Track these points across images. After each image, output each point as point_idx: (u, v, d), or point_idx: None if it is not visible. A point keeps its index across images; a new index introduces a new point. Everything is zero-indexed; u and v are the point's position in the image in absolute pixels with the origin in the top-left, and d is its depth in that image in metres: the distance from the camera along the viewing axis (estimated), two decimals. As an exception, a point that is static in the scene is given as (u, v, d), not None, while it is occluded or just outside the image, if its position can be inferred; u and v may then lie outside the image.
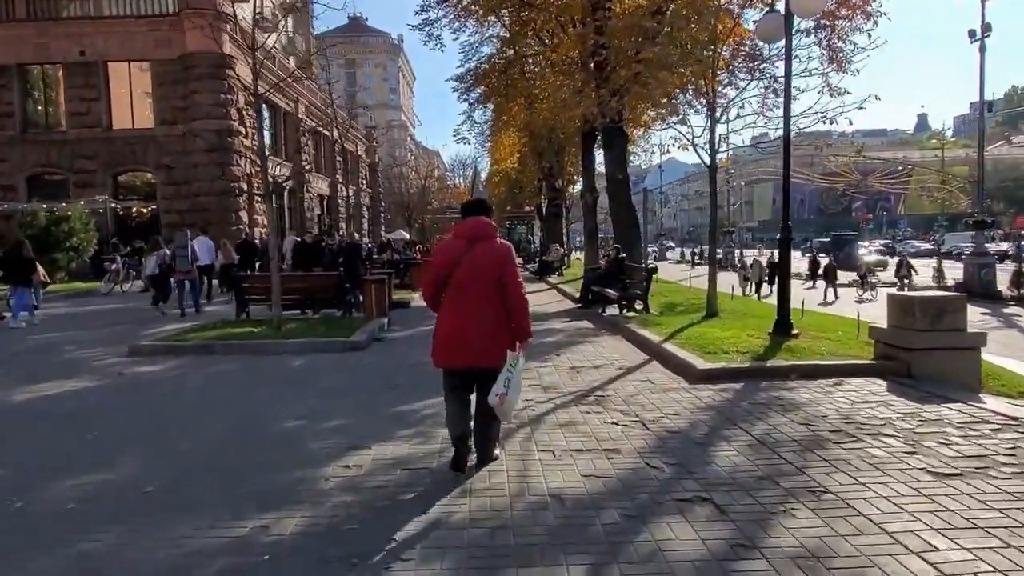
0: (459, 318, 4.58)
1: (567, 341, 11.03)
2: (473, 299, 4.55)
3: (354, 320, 12.71)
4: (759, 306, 14.26)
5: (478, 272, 4.54)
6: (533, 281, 25.72)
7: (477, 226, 4.67)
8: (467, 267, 4.54)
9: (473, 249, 4.58)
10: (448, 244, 4.86)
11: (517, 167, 41.08)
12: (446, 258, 4.69)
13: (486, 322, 4.54)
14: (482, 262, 4.55)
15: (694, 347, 9.02)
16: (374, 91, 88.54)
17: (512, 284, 4.59)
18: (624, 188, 17.83)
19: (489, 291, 4.55)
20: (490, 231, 4.72)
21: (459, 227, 4.80)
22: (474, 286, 4.55)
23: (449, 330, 4.63)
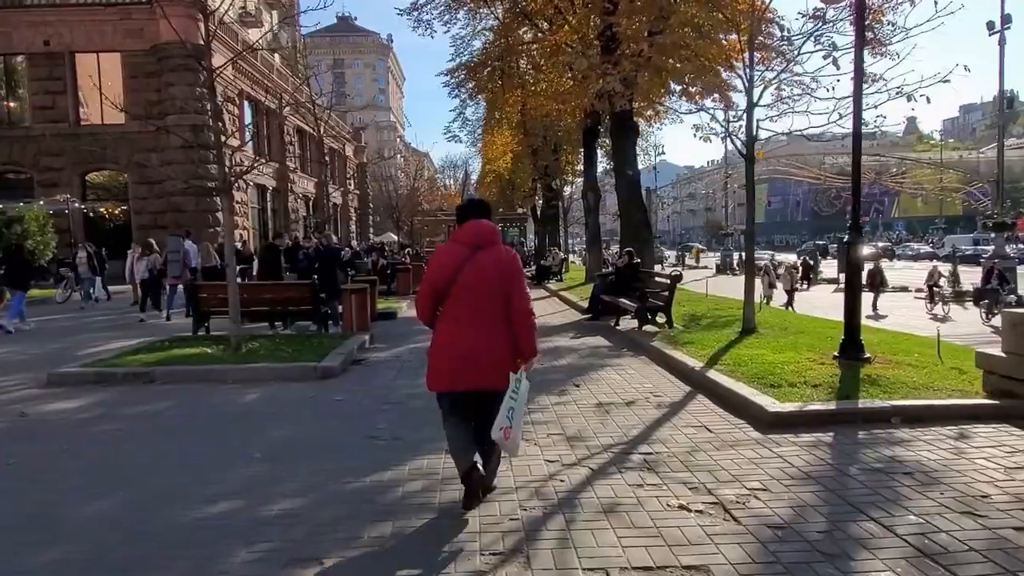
0: (463, 334, 3.97)
1: (583, 365, 9.12)
2: (477, 312, 3.98)
3: (330, 337, 10.76)
4: (799, 319, 12.39)
5: (483, 282, 3.95)
6: (531, 288, 23.80)
7: (480, 230, 4.08)
8: (470, 276, 3.94)
9: (476, 257, 3.98)
10: (447, 250, 4.24)
11: (510, 167, 39.24)
12: (446, 266, 4.04)
13: (495, 338, 3.99)
14: (487, 271, 3.96)
15: (748, 376, 7.16)
16: (363, 91, 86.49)
17: (520, 297, 4.05)
18: (635, 185, 15.99)
19: (494, 303, 3.99)
20: (494, 236, 4.13)
21: (459, 231, 4.17)
22: (478, 298, 3.97)
23: (452, 348, 4.00)
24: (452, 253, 4.10)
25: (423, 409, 6.35)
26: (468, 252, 4.00)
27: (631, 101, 15.01)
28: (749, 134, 10.19)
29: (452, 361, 4.00)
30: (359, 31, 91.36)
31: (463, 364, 3.97)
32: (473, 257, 3.97)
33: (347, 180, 53.58)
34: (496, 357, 3.98)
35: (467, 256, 3.98)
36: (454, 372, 4.00)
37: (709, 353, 8.62)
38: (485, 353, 3.96)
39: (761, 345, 8.99)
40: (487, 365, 3.96)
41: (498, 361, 3.98)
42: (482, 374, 3.96)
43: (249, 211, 33.70)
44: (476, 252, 3.99)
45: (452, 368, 4.00)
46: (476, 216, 4.15)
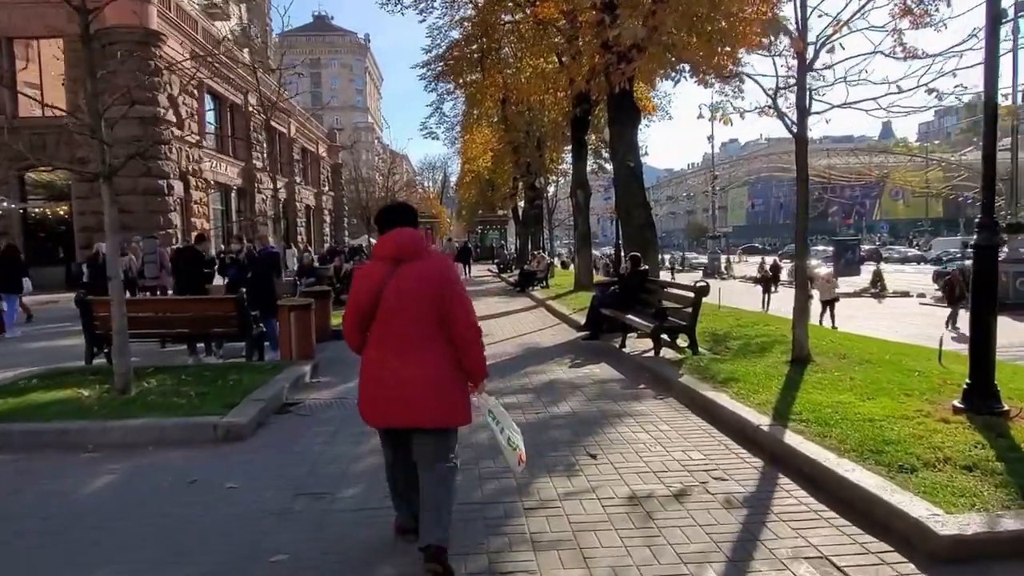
0: (390, 362, 3.33)
1: (592, 414, 6.56)
2: (406, 335, 3.33)
3: (257, 370, 8.12)
4: (851, 340, 9.81)
5: (409, 300, 3.31)
6: (513, 296, 21.23)
7: (400, 241, 3.41)
8: (394, 295, 3.32)
9: (399, 272, 3.33)
10: (368, 268, 3.51)
11: (490, 166, 36.75)
12: (366, 286, 3.39)
13: (431, 364, 3.32)
14: (413, 287, 3.32)
15: (852, 446, 4.68)
16: (340, 92, 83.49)
17: (459, 310, 3.37)
18: (637, 178, 13.51)
19: (427, 323, 3.33)
20: (418, 245, 3.44)
21: (378, 244, 3.49)
22: (405, 319, 3.32)
23: (379, 379, 3.36)
24: (373, 271, 3.44)
25: (355, 511, 3.92)
26: (390, 268, 3.37)
27: (631, 80, 12.54)
28: (801, 106, 7.75)
29: (381, 393, 3.37)
30: (336, 30, 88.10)
31: (394, 396, 3.33)
32: (396, 273, 3.36)
33: (321, 181, 50.76)
34: (433, 387, 3.32)
35: (388, 273, 3.37)
36: (386, 405, 3.37)
37: (767, 398, 6.14)
38: (418, 383, 3.30)
39: (833, 384, 6.52)
40: (421, 397, 3.30)
41: (436, 392, 3.33)
42: (416, 408, 3.31)
43: (210, 212, 30.84)
44: (399, 267, 3.37)
45: (382, 402, 3.37)
46: (395, 224, 3.49)
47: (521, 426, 5.85)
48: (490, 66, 20.38)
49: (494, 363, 9.41)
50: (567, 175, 33.22)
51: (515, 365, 9.21)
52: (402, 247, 3.40)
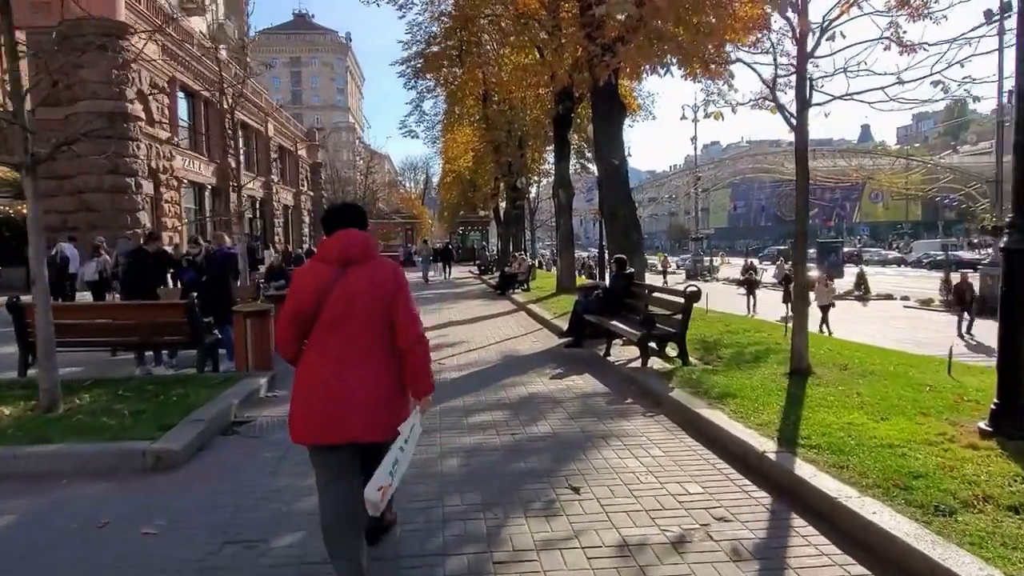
0: (332, 372, 3.02)
1: (575, 435, 5.86)
2: (350, 345, 3.05)
3: (205, 384, 7.34)
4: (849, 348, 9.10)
5: (355, 307, 3.04)
6: (493, 299, 20.50)
7: (349, 243, 3.13)
8: (339, 301, 3.03)
9: (346, 276, 3.05)
10: (309, 271, 3.21)
11: (471, 166, 36.05)
12: (309, 288, 3.08)
13: (376, 375, 3.05)
14: (360, 293, 3.05)
15: (875, 480, 4.04)
16: (320, 91, 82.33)
17: (406, 320, 3.10)
18: (622, 177, 12.86)
19: (373, 332, 3.07)
20: (368, 248, 3.16)
21: (324, 245, 3.19)
22: (350, 326, 3.04)
23: (319, 390, 3.02)
24: (315, 274, 3.12)
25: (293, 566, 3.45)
26: (335, 271, 3.06)
27: (616, 72, 11.90)
28: (801, 96, 7.13)
29: (320, 406, 3.00)
30: (317, 29, 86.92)
31: (333, 410, 2.99)
32: (342, 277, 3.04)
33: (300, 181, 49.75)
34: (376, 399, 3.03)
35: (334, 276, 3.04)
36: (322, 420, 3.00)
37: (769, 417, 5.49)
38: (361, 395, 3.00)
39: (840, 401, 5.88)
40: (365, 410, 3.00)
41: (379, 404, 3.04)
42: (358, 422, 2.99)
43: (181, 211, 29.84)
44: (346, 270, 3.05)
45: (319, 415, 3.00)
46: (343, 224, 3.19)
47: (496, 450, 5.18)
48: (470, 62, 19.67)
49: (469, 373, 8.72)
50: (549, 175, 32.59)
51: (492, 376, 8.50)
52: (351, 249, 3.12)
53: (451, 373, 8.68)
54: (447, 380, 8.23)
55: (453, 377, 8.44)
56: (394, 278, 3.15)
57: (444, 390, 7.60)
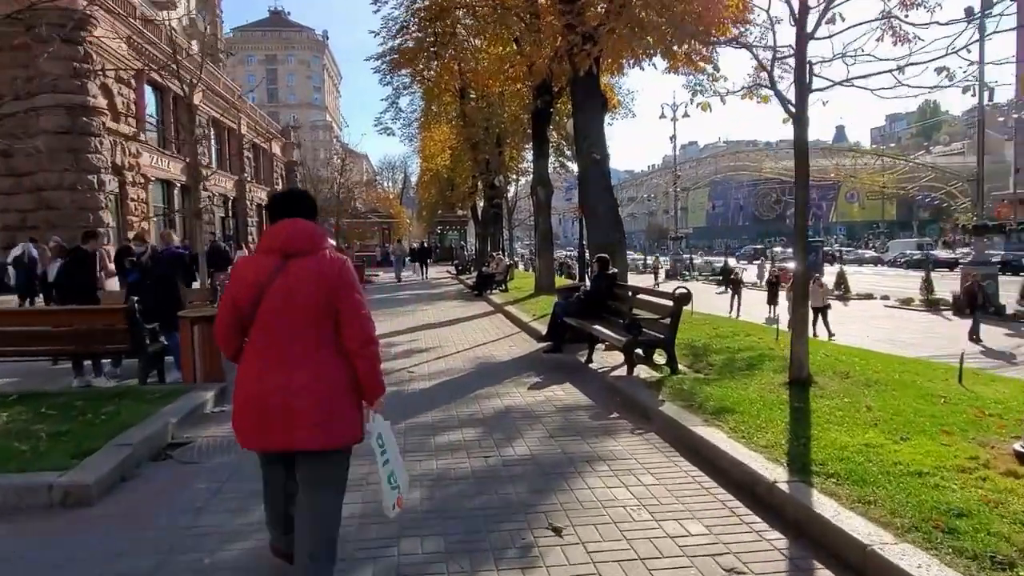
0: (272, 373, 2.80)
1: (554, 458, 5.14)
2: (291, 343, 2.82)
3: (143, 398, 6.55)
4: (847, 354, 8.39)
5: (296, 302, 2.81)
6: (470, 300, 19.77)
7: (293, 233, 2.89)
8: (279, 295, 2.80)
9: (288, 268, 2.82)
10: (250, 262, 2.99)
11: (449, 164, 35.28)
12: (247, 281, 2.87)
13: (320, 376, 2.82)
14: (303, 287, 2.81)
15: (912, 521, 3.38)
16: (296, 89, 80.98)
17: (354, 317, 2.86)
18: (602, 173, 12.21)
19: (317, 329, 2.84)
20: (314, 239, 2.91)
21: (267, 235, 2.98)
22: (291, 324, 2.82)
23: (258, 394, 2.82)
24: (255, 265, 2.89)
25: None
26: (277, 263, 2.83)
27: (598, 62, 11.25)
28: (801, 80, 6.51)
29: (260, 411, 2.80)
30: (293, 26, 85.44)
31: (275, 414, 2.77)
32: (284, 269, 2.81)
33: (274, 179, 48.61)
34: (321, 403, 2.79)
35: (276, 268, 2.81)
36: (263, 424, 2.80)
37: (775, 437, 4.83)
38: (304, 398, 2.77)
39: (851, 417, 5.26)
40: (308, 416, 2.76)
41: (323, 408, 2.79)
42: (301, 428, 2.77)
43: (149, 209, 28.75)
44: (288, 262, 2.82)
45: (261, 419, 2.80)
46: (289, 213, 2.94)
47: (466, 478, 4.52)
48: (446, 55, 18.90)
49: (440, 383, 8.00)
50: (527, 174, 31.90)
51: (464, 386, 7.78)
52: (294, 239, 2.87)
53: (421, 383, 7.96)
54: (416, 391, 7.52)
55: (423, 387, 7.72)
56: (341, 274, 2.87)
57: (412, 403, 6.90)
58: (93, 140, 23.03)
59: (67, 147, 22.29)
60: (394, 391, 7.50)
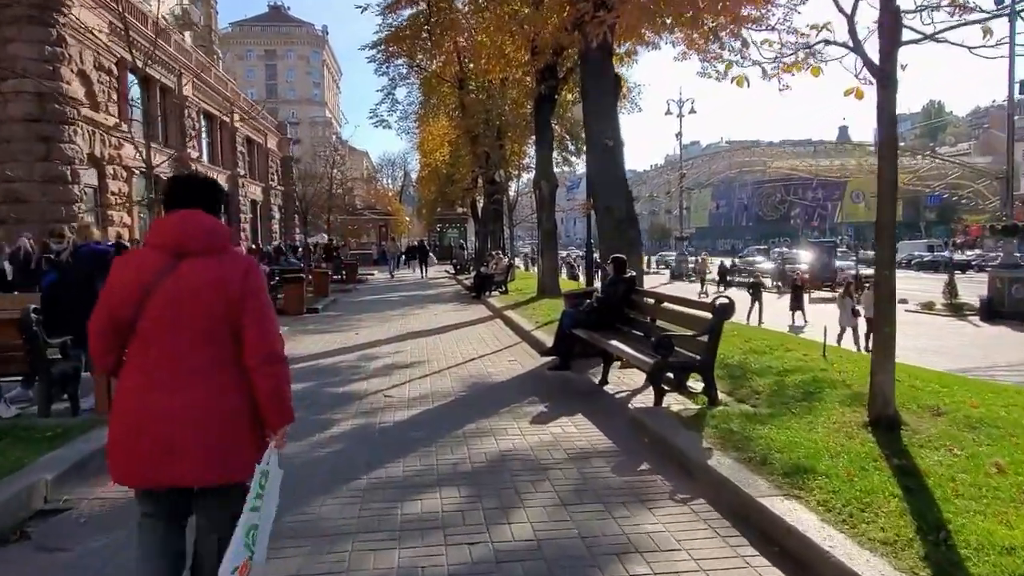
0: (156, 395, 2.34)
1: (568, 544, 3.56)
2: (180, 360, 2.35)
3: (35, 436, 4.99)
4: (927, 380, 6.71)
5: (187, 310, 2.35)
6: (467, 303, 18.21)
7: (189, 228, 2.42)
8: (167, 302, 2.34)
9: (179, 270, 2.36)
10: (132, 259, 2.55)
11: (448, 159, 33.75)
12: (128, 285, 2.38)
13: (215, 399, 2.36)
14: (195, 293, 2.35)
15: None
16: (296, 85, 79.43)
17: (258, 330, 2.40)
18: (616, 163, 10.65)
19: (213, 344, 2.38)
20: (214, 237, 2.46)
21: (154, 228, 2.57)
22: (180, 336, 2.35)
23: (139, 419, 2.34)
24: (139, 264, 2.41)
25: None
26: (166, 263, 2.36)
27: (611, 32, 9.70)
28: (890, 33, 4.94)
29: (141, 439, 2.31)
30: (292, 21, 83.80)
31: (159, 445, 2.30)
32: (175, 271, 2.35)
33: (269, 175, 47.03)
34: (214, 431, 2.34)
35: (164, 269, 2.35)
36: (146, 457, 2.31)
37: (893, 526, 3.27)
38: (192, 425, 2.31)
39: (980, 481, 3.71)
40: (193, 444, 2.31)
41: (218, 437, 2.34)
42: (185, 459, 2.31)
43: (134, 205, 27.17)
44: (180, 263, 2.36)
45: (142, 450, 2.31)
46: (187, 203, 2.47)
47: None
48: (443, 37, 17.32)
49: (420, 413, 6.41)
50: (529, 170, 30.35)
51: (451, 418, 6.20)
52: (188, 235, 2.38)
53: (397, 413, 6.38)
54: (388, 425, 5.95)
55: (398, 419, 6.15)
56: (244, 277, 2.40)
57: (382, 445, 5.34)
58: (66, 129, 21.45)
59: (38, 136, 20.73)
60: (361, 425, 5.94)
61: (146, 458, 2.32)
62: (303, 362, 9.01)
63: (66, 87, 21.53)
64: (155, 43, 15.24)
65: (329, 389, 7.33)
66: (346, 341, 11.00)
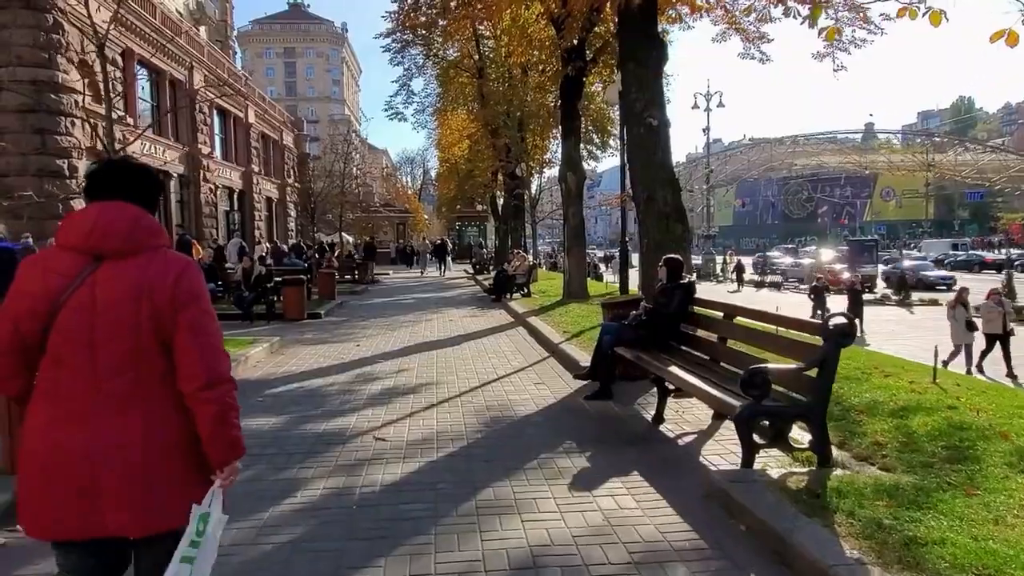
0: (71, 427, 1.89)
1: None
2: (101, 384, 1.90)
3: None
4: None
5: (108, 324, 1.90)
6: (486, 306, 16.53)
7: (108, 222, 1.94)
8: (81, 312, 1.89)
9: (98, 274, 1.91)
10: (42, 261, 2.02)
11: (467, 154, 32.16)
12: (31, 293, 1.93)
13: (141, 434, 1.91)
14: (116, 303, 1.90)
15: None
16: (316, 82, 78.31)
17: (193, 351, 1.93)
18: (661, 144, 8.90)
19: (141, 364, 1.92)
20: (138, 230, 1.97)
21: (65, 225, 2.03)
22: (101, 356, 1.90)
23: (48, 454, 1.91)
24: (48, 267, 1.95)
25: None
26: (82, 266, 1.91)
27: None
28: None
29: (54, 483, 1.88)
30: (311, 18, 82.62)
31: (76, 489, 1.86)
32: (92, 276, 1.90)
33: (286, 172, 45.70)
34: (141, 470, 1.89)
35: (80, 274, 1.90)
36: (61, 504, 1.88)
37: None
38: (119, 464, 1.87)
39: None
40: (124, 488, 1.87)
41: (149, 478, 1.90)
42: (113, 506, 1.87)
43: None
44: (99, 267, 1.91)
45: (56, 496, 1.88)
46: (109, 192, 2.00)
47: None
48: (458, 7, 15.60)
49: (420, 470, 4.62)
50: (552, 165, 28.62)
51: (461, 479, 4.48)
52: (104, 231, 1.91)
53: (386, 470, 4.66)
54: (372, 492, 4.26)
55: (387, 482, 4.43)
56: (178, 282, 1.93)
57: (358, 530, 3.67)
58: (62, 121, 20.10)
59: (32, 127, 19.40)
60: (336, 491, 4.27)
61: (61, 506, 1.88)
62: (281, 385, 7.37)
63: (61, 76, 20.19)
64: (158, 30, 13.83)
65: (305, 427, 5.67)
66: (343, 355, 9.35)
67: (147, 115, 27.83)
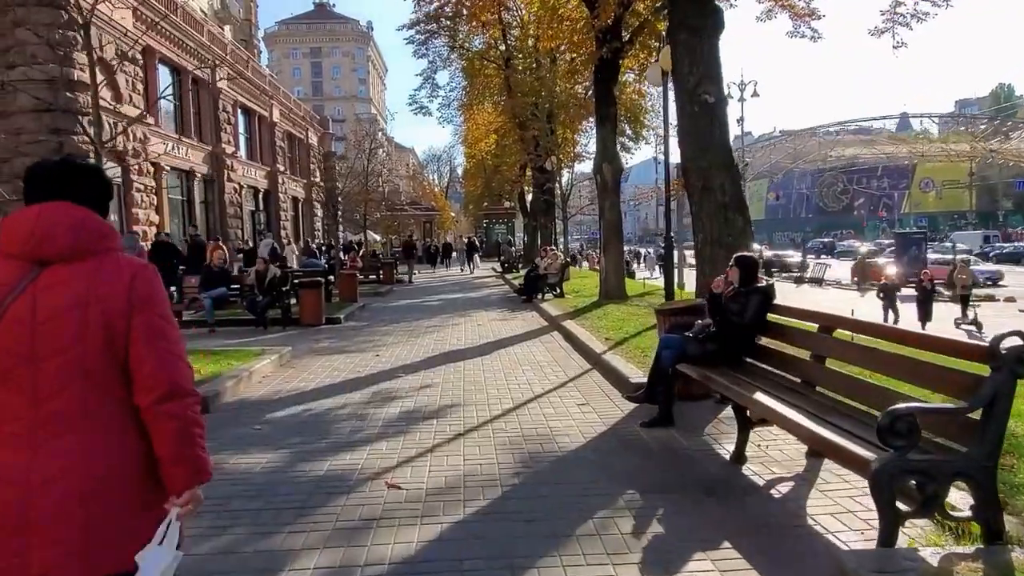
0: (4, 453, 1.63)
1: None
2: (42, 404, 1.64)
3: None
4: None
5: (51, 336, 1.65)
6: (516, 308, 15.44)
7: (48, 225, 1.69)
8: (19, 326, 1.64)
9: (41, 281, 1.67)
10: None
11: (494, 150, 31.12)
12: None
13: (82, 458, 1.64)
14: (63, 311, 1.65)
15: None
16: (342, 82, 77.90)
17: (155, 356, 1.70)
18: (718, 123, 7.73)
19: (87, 380, 1.67)
20: (84, 232, 1.72)
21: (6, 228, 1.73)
22: (44, 372, 1.64)
23: None
24: None
25: None
26: (22, 273, 1.67)
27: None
28: None
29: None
30: (337, 18, 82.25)
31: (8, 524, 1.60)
32: (35, 284, 1.66)
33: (311, 171, 45.09)
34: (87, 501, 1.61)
35: (19, 282, 1.67)
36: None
37: None
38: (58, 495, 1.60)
39: None
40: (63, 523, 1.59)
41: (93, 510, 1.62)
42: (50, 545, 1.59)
43: (162, 201, 25.26)
44: (42, 273, 1.67)
45: None
46: (50, 192, 1.74)
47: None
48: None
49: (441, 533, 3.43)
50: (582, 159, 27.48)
51: (494, 553, 3.41)
52: (45, 234, 1.67)
53: (399, 536, 3.57)
54: (380, 573, 3.20)
55: (398, 558, 3.35)
56: (132, 287, 1.70)
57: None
58: (79, 120, 19.46)
59: (48, 127, 18.83)
60: (331, 567, 3.20)
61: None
62: (285, 408, 6.35)
63: (78, 74, 19.56)
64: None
65: (304, 468, 4.63)
66: (360, 367, 8.32)
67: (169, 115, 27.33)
